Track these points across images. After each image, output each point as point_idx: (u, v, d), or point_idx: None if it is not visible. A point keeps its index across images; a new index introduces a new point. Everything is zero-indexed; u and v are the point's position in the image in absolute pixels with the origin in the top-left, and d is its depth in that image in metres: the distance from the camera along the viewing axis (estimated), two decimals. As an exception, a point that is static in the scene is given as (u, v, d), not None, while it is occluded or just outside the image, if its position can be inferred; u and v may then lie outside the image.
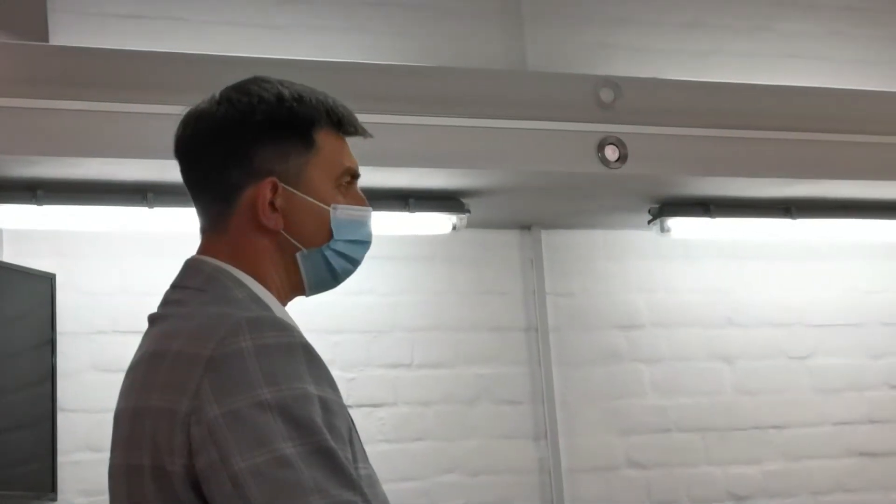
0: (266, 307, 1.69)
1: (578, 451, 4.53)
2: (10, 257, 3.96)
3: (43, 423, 3.83)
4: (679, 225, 4.53)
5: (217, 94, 1.79)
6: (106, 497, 1.70)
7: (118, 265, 4.12)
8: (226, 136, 1.75)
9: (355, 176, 1.82)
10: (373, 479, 1.63)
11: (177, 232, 3.98)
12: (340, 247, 1.79)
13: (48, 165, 3.66)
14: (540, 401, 4.53)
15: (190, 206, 1.81)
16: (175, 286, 1.76)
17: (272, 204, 1.73)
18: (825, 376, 4.87)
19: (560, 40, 4.73)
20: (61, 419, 3.88)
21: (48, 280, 3.94)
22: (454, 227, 4.27)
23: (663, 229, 4.52)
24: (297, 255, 1.77)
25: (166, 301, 1.75)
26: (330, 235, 1.77)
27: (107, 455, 1.70)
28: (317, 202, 1.76)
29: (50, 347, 3.91)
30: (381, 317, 4.41)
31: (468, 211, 4.23)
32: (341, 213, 1.78)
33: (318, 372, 1.58)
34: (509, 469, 4.46)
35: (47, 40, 3.93)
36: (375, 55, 4.32)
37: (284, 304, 1.77)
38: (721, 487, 4.66)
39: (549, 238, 4.67)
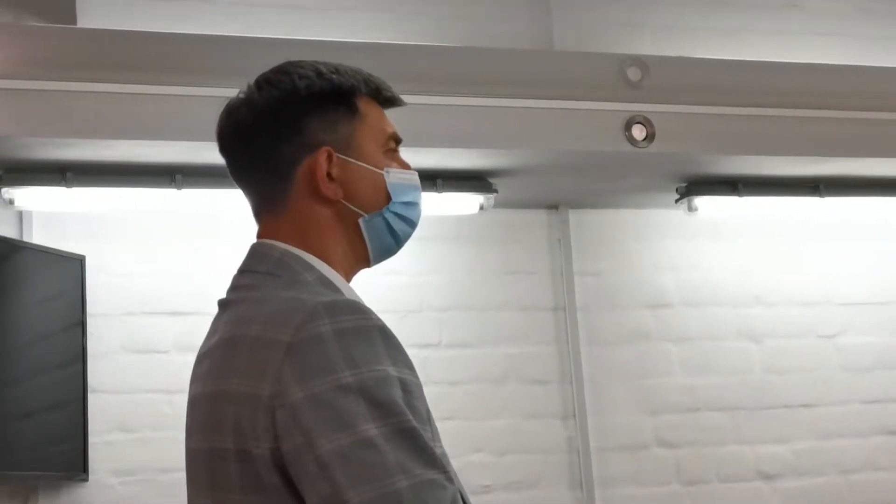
0: (336, 290, 1.71)
1: (607, 430, 4.53)
2: (41, 240, 3.98)
3: (74, 403, 3.86)
4: (707, 204, 4.51)
5: (253, 82, 1.81)
6: (136, 477, 1.73)
7: (147, 247, 4.13)
8: (273, 117, 1.76)
9: (398, 141, 1.86)
10: (447, 459, 1.65)
11: (206, 213, 4.01)
12: (399, 209, 1.81)
13: (77, 148, 3.68)
14: (568, 380, 4.53)
15: (218, 187, 1.82)
16: (243, 270, 1.77)
17: (329, 174, 1.75)
18: (854, 355, 4.86)
19: (587, 19, 4.72)
20: (92, 400, 3.91)
21: (78, 262, 3.97)
22: (482, 207, 4.26)
23: (691, 208, 4.50)
24: (360, 221, 1.78)
25: (236, 286, 1.76)
26: (388, 199, 1.80)
27: (137, 435, 1.72)
28: (371, 167, 1.79)
29: (80, 329, 3.94)
30: (408, 297, 4.41)
31: (496, 191, 4.23)
32: (394, 176, 1.81)
33: (396, 353, 1.60)
34: (538, 448, 4.46)
35: (75, 23, 3.94)
36: (402, 35, 4.32)
37: (349, 279, 1.79)
38: (750, 466, 4.65)
39: (576, 217, 4.67)
